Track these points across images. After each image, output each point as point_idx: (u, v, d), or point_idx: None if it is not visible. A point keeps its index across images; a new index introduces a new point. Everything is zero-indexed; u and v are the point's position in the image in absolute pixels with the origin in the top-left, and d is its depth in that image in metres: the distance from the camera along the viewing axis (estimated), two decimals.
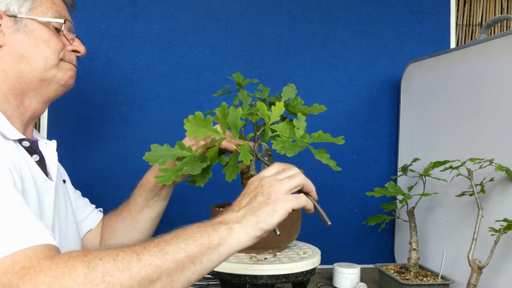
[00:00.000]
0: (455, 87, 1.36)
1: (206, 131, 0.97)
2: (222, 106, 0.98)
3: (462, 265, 1.20)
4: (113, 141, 1.52)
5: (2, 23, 0.91)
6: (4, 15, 0.92)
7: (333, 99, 1.66)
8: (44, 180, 0.91)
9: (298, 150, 0.93)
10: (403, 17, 1.70)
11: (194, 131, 0.96)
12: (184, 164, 0.97)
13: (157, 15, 1.54)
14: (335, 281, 1.37)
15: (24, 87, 0.93)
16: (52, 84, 0.95)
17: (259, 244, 1.03)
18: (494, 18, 1.34)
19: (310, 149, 0.96)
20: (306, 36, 1.64)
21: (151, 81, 1.54)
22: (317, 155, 0.94)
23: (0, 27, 0.91)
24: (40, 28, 0.94)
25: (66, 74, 0.97)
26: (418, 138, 1.55)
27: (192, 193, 1.56)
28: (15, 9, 0.92)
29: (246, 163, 0.95)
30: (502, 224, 1.07)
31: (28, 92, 0.94)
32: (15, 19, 0.92)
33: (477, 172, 1.17)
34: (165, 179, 0.96)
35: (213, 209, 1.10)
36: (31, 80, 0.93)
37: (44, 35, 0.94)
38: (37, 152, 0.92)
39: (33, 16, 0.93)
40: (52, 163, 0.96)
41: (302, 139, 0.97)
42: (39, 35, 0.93)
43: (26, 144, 0.90)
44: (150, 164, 1.03)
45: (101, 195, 1.51)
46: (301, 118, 1.00)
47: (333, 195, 1.66)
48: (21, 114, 0.94)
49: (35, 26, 0.93)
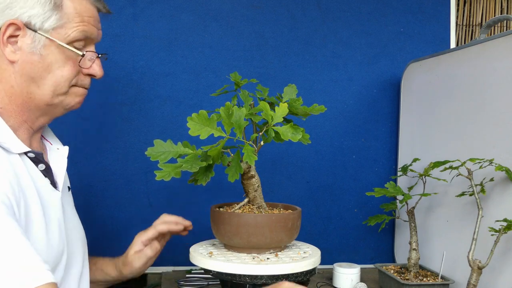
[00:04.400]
0: (455, 87, 1.36)
1: (210, 130, 0.96)
2: (226, 106, 0.97)
3: (462, 265, 1.20)
4: (113, 141, 1.52)
5: (20, 35, 0.84)
6: (24, 26, 0.84)
7: (333, 99, 1.66)
8: (50, 190, 0.90)
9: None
10: (403, 17, 1.70)
11: (198, 129, 0.96)
12: (184, 161, 0.97)
13: (157, 15, 1.54)
14: (335, 281, 1.37)
15: (31, 106, 0.89)
16: (58, 108, 0.92)
17: (260, 244, 1.04)
18: (494, 18, 1.34)
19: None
20: (306, 36, 1.64)
21: (151, 81, 1.54)
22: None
23: (16, 38, 0.84)
24: (57, 52, 0.87)
25: (74, 100, 0.94)
26: (418, 138, 1.55)
27: (192, 193, 1.56)
28: (38, 23, 0.84)
29: (251, 163, 0.94)
30: (502, 224, 1.07)
31: (36, 111, 0.90)
32: (34, 36, 0.84)
33: (477, 172, 1.17)
34: (164, 174, 0.97)
35: (212, 209, 1.10)
36: (38, 102, 0.89)
37: (60, 60, 0.88)
38: (42, 162, 0.90)
39: (55, 37, 0.86)
40: (60, 171, 0.95)
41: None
42: (54, 59, 0.87)
43: (31, 155, 0.88)
44: (151, 159, 1.03)
45: (101, 195, 1.51)
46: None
47: (333, 195, 1.66)
48: (29, 127, 0.92)
49: (53, 49, 0.86)
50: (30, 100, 0.88)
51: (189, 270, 1.43)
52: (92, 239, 1.13)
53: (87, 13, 0.90)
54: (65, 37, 0.87)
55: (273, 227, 1.03)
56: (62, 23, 0.86)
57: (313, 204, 1.65)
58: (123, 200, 1.53)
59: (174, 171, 0.97)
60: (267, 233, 1.02)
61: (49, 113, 0.93)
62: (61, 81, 0.88)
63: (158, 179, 0.98)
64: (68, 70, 0.89)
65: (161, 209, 1.54)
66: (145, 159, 1.53)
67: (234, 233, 1.04)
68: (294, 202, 1.26)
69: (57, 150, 0.98)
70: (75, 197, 1.08)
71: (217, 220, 1.07)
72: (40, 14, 0.84)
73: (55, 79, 0.88)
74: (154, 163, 1.52)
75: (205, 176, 1.01)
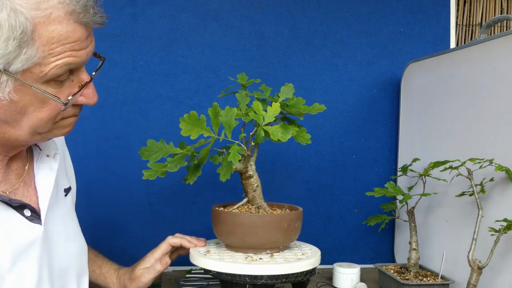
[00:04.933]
0: (455, 87, 1.36)
1: (200, 130, 0.99)
2: (213, 106, 0.99)
3: (462, 265, 1.20)
4: (113, 141, 1.52)
5: None
6: None
7: (333, 99, 1.66)
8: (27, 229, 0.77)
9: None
10: (403, 17, 1.70)
11: (189, 130, 0.98)
12: (170, 161, 1.00)
13: (157, 15, 1.54)
14: (335, 281, 1.37)
15: (6, 143, 0.76)
16: (43, 140, 0.81)
17: (256, 244, 1.04)
18: (494, 18, 1.34)
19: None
20: (306, 36, 1.64)
21: (151, 81, 1.54)
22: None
23: None
24: (32, 93, 0.69)
25: (62, 131, 0.78)
26: (418, 138, 1.55)
27: (192, 193, 1.56)
28: (1, 64, 0.65)
29: (235, 163, 0.96)
30: (502, 224, 1.07)
31: (13, 146, 0.78)
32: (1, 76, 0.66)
33: (477, 172, 1.17)
34: (151, 174, 0.99)
35: (213, 209, 1.10)
36: (15, 141, 0.75)
37: (36, 102, 0.70)
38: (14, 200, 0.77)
39: (27, 79, 0.67)
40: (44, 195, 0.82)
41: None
42: (29, 102, 0.69)
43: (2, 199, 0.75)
44: (142, 159, 1.04)
45: (102, 195, 1.51)
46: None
47: (333, 195, 1.66)
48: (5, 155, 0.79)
49: (26, 90, 0.68)
50: (4, 139, 0.74)
51: (189, 270, 1.43)
52: (92, 239, 1.13)
53: (71, 38, 0.69)
54: (41, 76, 0.68)
55: (267, 227, 1.03)
56: (35, 61, 0.66)
57: (313, 204, 1.65)
58: (123, 200, 1.53)
59: (160, 170, 0.99)
60: (261, 233, 1.03)
61: (31, 143, 0.82)
62: (41, 124, 0.72)
63: (144, 178, 1.00)
64: (48, 111, 0.72)
65: (161, 209, 1.55)
66: (145, 159, 1.54)
67: (230, 232, 1.05)
68: (294, 202, 1.26)
69: (46, 158, 0.85)
70: None
71: (215, 219, 1.09)
72: (2, 54, 0.64)
73: (32, 122, 0.72)
74: None
75: (193, 175, 1.03)
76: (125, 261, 1.20)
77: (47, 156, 0.86)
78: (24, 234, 0.77)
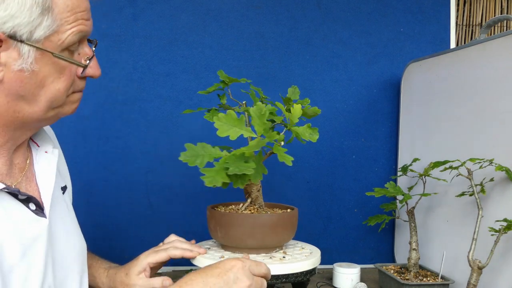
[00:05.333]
0: (455, 87, 1.36)
1: (239, 130, 0.93)
2: (257, 106, 0.95)
3: (462, 265, 1.20)
4: (113, 141, 1.52)
5: (2, 49, 0.69)
6: (8, 39, 0.68)
7: (333, 99, 1.66)
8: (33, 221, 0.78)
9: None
10: (403, 17, 1.70)
11: (226, 130, 0.93)
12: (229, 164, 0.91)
13: (157, 15, 1.54)
14: (335, 281, 1.37)
15: (18, 125, 0.76)
16: (52, 120, 0.81)
17: (253, 245, 1.04)
18: (494, 18, 1.34)
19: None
20: (306, 36, 1.64)
21: (151, 81, 1.54)
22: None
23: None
24: (51, 63, 0.73)
25: (71, 107, 0.82)
26: (418, 138, 1.55)
27: (192, 193, 1.56)
28: (25, 33, 0.69)
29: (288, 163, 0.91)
30: (502, 224, 1.07)
31: (22, 129, 0.78)
32: (22, 48, 0.69)
33: (477, 172, 1.17)
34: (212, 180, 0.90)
35: (209, 209, 1.10)
36: (28, 119, 0.76)
37: (55, 73, 0.74)
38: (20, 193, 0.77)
39: (48, 47, 0.71)
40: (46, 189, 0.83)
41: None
42: (48, 73, 0.73)
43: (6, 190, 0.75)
44: (190, 165, 0.96)
45: (102, 195, 1.51)
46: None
47: (333, 195, 1.66)
48: (11, 146, 0.79)
49: (46, 61, 0.72)
50: (18, 119, 0.75)
51: (189, 270, 1.43)
52: (92, 239, 1.13)
53: (80, 7, 0.75)
54: (59, 45, 0.73)
55: (267, 227, 1.02)
56: (54, 28, 0.71)
57: (313, 204, 1.65)
58: (123, 200, 1.53)
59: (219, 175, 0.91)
60: (260, 233, 1.02)
61: (39, 126, 0.83)
62: (57, 95, 0.76)
63: (209, 185, 0.91)
64: (65, 81, 0.76)
65: (161, 209, 1.55)
66: (145, 159, 1.54)
67: (228, 233, 1.05)
68: (294, 202, 1.26)
69: (45, 154, 0.86)
70: (75, 197, 1.07)
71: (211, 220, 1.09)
72: (27, 22, 0.68)
73: (50, 94, 0.75)
74: (154, 163, 1.54)
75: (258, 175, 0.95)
76: (125, 261, 1.19)
77: (46, 152, 0.87)
78: (31, 227, 0.77)
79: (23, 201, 0.78)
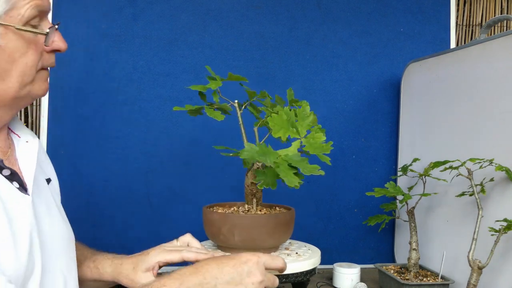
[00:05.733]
0: (455, 87, 1.36)
1: (286, 131, 0.96)
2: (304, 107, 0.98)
3: (462, 265, 1.20)
4: (113, 141, 1.52)
5: None
6: None
7: (333, 99, 1.66)
8: (18, 197, 0.80)
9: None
10: (403, 17, 1.70)
11: (278, 131, 0.96)
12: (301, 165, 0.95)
13: (157, 15, 1.54)
14: (335, 281, 1.37)
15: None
16: (25, 99, 0.83)
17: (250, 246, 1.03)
18: (494, 18, 1.34)
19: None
20: (306, 36, 1.64)
21: (151, 81, 1.54)
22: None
23: None
24: (16, 38, 0.76)
25: (41, 87, 0.84)
26: (418, 138, 1.55)
27: (192, 193, 1.56)
28: None
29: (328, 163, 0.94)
30: (502, 224, 1.07)
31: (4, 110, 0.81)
32: None
33: (477, 172, 1.17)
34: (293, 180, 0.94)
35: (204, 210, 1.10)
36: (2, 97, 0.79)
37: (21, 47, 0.77)
38: (5, 167, 0.80)
39: (9, 22, 0.74)
40: (28, 170, 0.85)
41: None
42: (15, 47, 0.76)
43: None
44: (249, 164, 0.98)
45: (101, 195, 1.51)
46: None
47: (333, 195, 1.66)
48: None
49: (10, 36, 0.75)
50: None
51: None
52: (92, 239, 1.13)
53: None
54: (20, 19, 0.75)
55: (266, 227, 1.03)
56: (13, 3, 0.74)
57: (313, 204, 1.65)
58: (123, 200, 1.53)
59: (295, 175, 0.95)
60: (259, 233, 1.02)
61: (14, 107, 0.85)
62: (27, 70, 0.78)
63: (291, 186, 0.95)
64: (32, 55, 0.79)
65: (161, 209, 1.55)
66: (145, 159, 1.54)
67: (225, 233, 1.05)
68: (294, 202, 1.26)
69: (26, 143, 0.88)
70: (75, 197, 1.07)
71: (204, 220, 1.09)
72: None
73: (20, 68, 0.77)
74: (154, 163, 1.54)
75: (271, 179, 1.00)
76: None
77: (27, 142, 0.89)
78: (16, 203, 0.79)
79: (7, 178, 0.80)
